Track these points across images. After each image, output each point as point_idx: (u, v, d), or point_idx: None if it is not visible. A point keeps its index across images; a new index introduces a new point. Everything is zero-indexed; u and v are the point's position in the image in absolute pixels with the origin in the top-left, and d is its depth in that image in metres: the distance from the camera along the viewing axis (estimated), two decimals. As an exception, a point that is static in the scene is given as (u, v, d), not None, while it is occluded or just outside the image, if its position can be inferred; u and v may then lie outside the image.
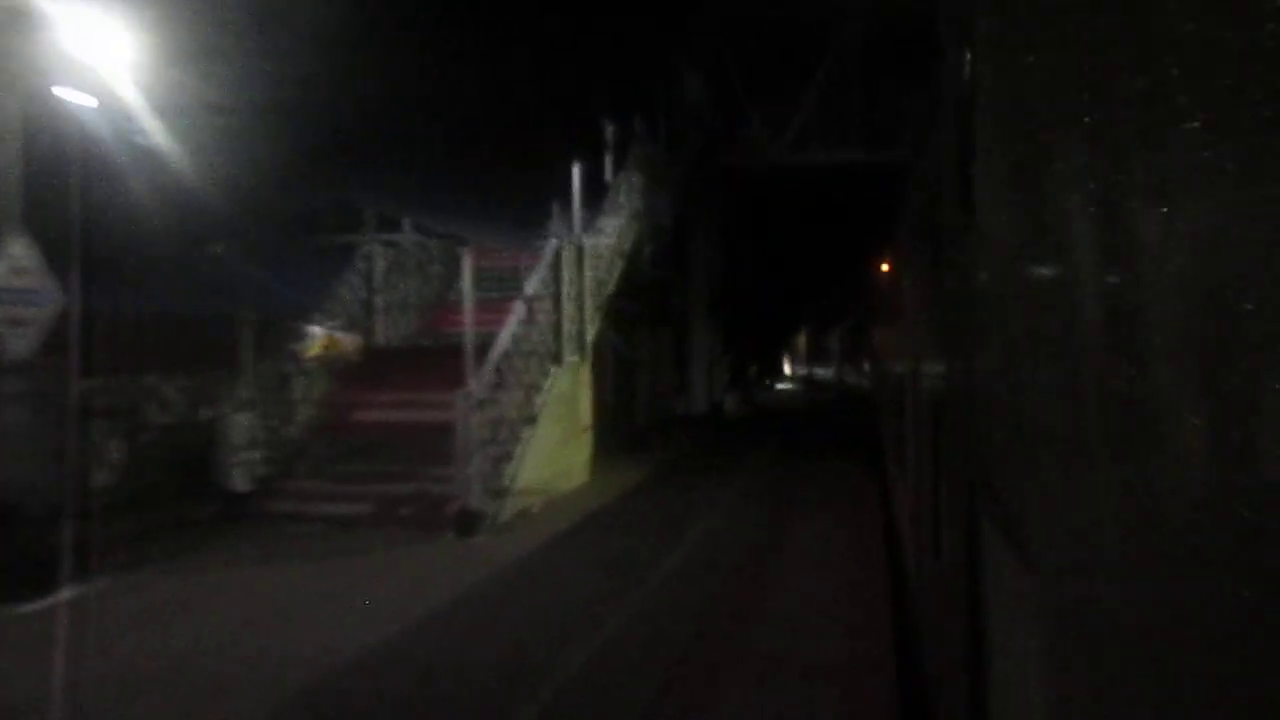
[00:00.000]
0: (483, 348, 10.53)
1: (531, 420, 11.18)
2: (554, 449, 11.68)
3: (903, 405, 6.13)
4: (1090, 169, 1.23)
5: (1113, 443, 1.12)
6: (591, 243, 13.22)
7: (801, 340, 54.58)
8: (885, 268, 11.95)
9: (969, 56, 2.38)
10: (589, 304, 13.02)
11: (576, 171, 12.61)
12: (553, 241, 12.12)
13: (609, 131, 14.20)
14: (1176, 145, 0.93)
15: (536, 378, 11.50)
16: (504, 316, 11.19)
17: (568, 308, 12.30)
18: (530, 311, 11.45)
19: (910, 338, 5.59)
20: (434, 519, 9.77)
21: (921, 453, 4.45)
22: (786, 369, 55.88)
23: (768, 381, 45.34)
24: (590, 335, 13.10)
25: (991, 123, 2.02)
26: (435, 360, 11.18)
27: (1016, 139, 1.74)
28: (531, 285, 11.61)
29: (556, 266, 12.12)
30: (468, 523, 9.67)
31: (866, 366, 27.78)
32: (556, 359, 12.06)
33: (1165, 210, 0.97)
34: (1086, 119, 1.23)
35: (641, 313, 16.40)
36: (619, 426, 15.63)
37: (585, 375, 12.99)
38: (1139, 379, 1.02)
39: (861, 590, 7.40)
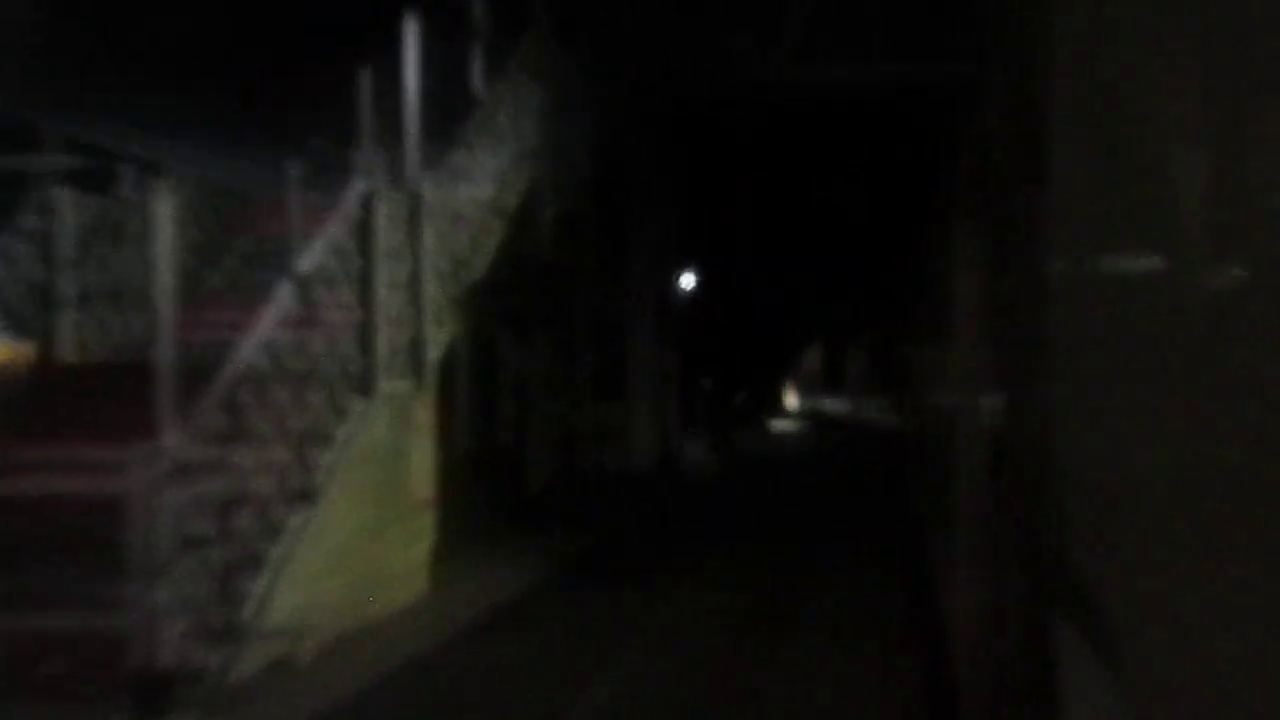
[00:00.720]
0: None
1: (308, 495, 9.42)
2: (357, 543, 10.10)
3: (949, 456, 6.51)
4: (1212, 129, 1.21)
5: (1236, 511, 1.13)
6: (440, 193, 11.56)
7: (810, 361, 55.45)
8: (927, 260, 11.58)
9: None
10: (433, 294, 11.50)
11: (412, 65, 10.93)
12: (358, 187, 10.13)
13: (480, 10, 12.81)
14: None
15: (322, 420, 9.75)
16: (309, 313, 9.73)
17: (389, 301, 10.59)
18: (309, 305, 9.54)
19: (960, 362, 5.92)
20: (103, 680, 8.23)
21: (973, 524, 4.84)
22: (790, 400, 57.10)
23: (764, 418, 45.64)
24: (435, 348, 11.63)
25: (1072, 60, 2.12)
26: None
27: (1106, 81, 1.79)
28: (311, 259, 9.61)
29: (365, 231, 10.20)
30: (156, 691, 8.07)
31: (892, 399, 27.79)
32: (364, 388, 10.34)
33: None
34: (1205, 58, 1.23)
35: (541, 313, 15.25)
36: (499, 496, 14.38)
37: (423, 414, 11.48)
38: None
39: None
